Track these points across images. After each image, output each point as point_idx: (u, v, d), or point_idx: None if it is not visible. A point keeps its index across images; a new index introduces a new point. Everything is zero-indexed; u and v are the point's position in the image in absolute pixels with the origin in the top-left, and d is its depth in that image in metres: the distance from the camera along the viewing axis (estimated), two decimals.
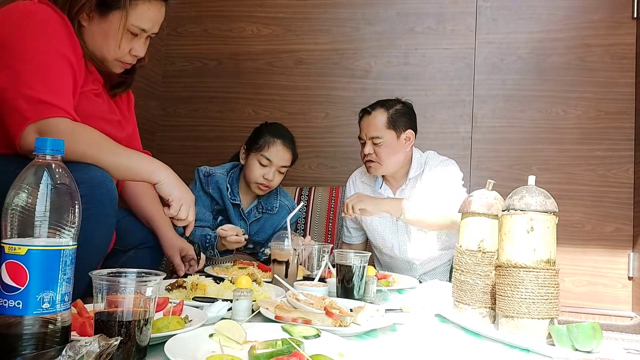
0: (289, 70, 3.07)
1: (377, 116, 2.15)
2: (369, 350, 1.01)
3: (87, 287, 1.17)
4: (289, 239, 1.65)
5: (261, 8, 3.11)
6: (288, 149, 2.21)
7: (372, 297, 1.50)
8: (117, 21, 1.35)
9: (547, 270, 1.12)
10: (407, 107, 2.22)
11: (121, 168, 1.27)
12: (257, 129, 2.26)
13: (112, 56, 1.39)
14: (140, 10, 1.37)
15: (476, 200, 1.32)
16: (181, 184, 1.37)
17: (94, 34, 1.35)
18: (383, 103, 2.18)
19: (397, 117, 2.15)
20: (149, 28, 1.41)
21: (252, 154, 2.19)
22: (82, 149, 1.19)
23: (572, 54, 2.80)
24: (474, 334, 1.18)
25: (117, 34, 1.36)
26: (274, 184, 2.21)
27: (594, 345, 1.03)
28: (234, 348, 0.90)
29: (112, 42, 1.37)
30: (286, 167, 2.23)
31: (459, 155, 2.80)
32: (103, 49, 1.37)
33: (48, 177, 0.79)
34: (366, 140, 2.16)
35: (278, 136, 2.20)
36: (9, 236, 0.78)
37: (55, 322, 0.78)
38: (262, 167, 2.17)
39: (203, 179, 2.21)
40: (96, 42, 1.36)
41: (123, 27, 1.36)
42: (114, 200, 1.23)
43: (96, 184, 1.17)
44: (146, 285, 0.82)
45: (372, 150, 2.15)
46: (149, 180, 1.32)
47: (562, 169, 2.77)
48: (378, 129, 2.13)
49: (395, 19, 2.98)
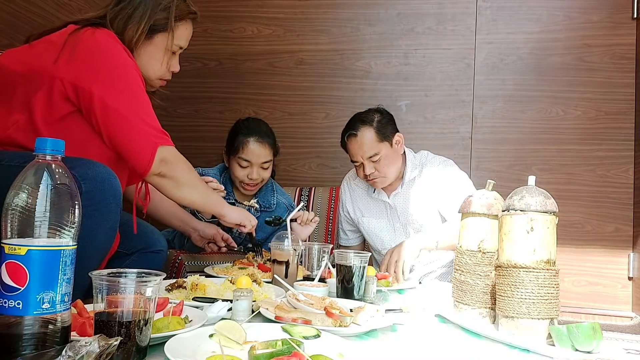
0: (289, 71, 3.07)
1: (364, 135, 2.10)
2: (369, 350, 1.01)
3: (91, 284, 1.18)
4: (289, 239, 1.65)
5: (262, 8, 3.11)
6: (264, 143, 2.15)
7: (372, 297, 1.50)
8: (163, 42, 1.48)
9: (547, 271, 1.12)
10: (385, 114, 2.18)
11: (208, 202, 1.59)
12: (232, 130, 2.23)
13: (157, 75, 1.51)
14: (181, 31, 1.51)
15: (476, 200, 1.32)
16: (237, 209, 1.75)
17: (140, 56, 1.45)
18: (362, 119, 2.13)
19: (383, 127, 2.12)
20: (184, 45, 1.55)
21: (231, 157, 2.18)
22: (192, 183, 1.48)
23: (572, 55, 2.80)
24: (474, 334, 1.18)
25: (163, 54, 1.49)
26: (259, 180, 2.19)
27: (594, 346, 1.03)
28: (234, 348, 0.90)
29: (157, 62, 1.49)
30: (268, 162, 2.18)
31: (459, 155, 2.81)
32: (149, 70, 1.48)
33: (48, 177, 0.79)
34: (363, 161, 2.12)
35: (251, 134, 2.14)
36: (9, 236, 0.78)
37: (55, 322, 0.78)
38: (243, 168, 2.15)
39: None
40: (142, 63, 1.45)
41: (169, 48, 1.48)
42: (118, 197, 1.25)
43: (100, 180, 1.18)
44: (146, 285, 0.82)
45: (373, 168, 2.11)
46: (219, 212, 1.65)
47: (562, 169, 2.77)
48: (372, 147, 2.09)
49: (396, 20, 2.98)
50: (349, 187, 2.39)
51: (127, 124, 1.30)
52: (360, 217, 2.34)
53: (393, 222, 2.27)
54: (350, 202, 2.37)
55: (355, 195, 2.37)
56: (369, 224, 2.30)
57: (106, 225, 1.23)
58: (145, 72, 1.46)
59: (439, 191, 2.14)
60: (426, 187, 2.18)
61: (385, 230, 2.27)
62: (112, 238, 1.32)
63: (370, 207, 2.32)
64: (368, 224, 2.30)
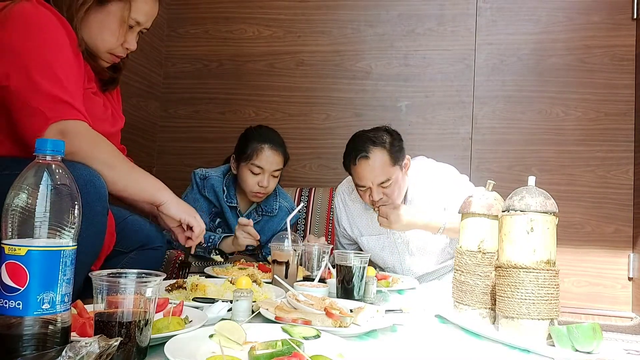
0: (289, 72, 3.07)
1: (377, 158, 1.90)
2: (369, 351, 1.01)
3: (80, 290, 1.17)
4: (289, 239, 1.65)
5: (262, 10, 3.11)
6: (277, 152, 2.15)
7: (372, 297, 1.50)
8: (117, 12, 1.35)
9: (547, 271, 1.12)
10: (395, 135, 1.99)
11: (131, 185, 1.31)
12: (243, 137, 2.20)
13: (107, 47, 1.38)
14: (139, 4, 1.38)
15: (476, 200, 1.32)
16: (182, 202, 1.42)
17: (89, 23, 1.34)
18: (373, 141, 1.93)
19: (396, 151, 1.94)
20: (144, 21, 1.41)
21: (243, 164, 2.13)
22: (103, 158, 1.23)
23: (572, 55, 2.80)
24: (474, 335, 1.18)
25: (117, 26, 1.36)
26: (269, 190, 2.17)
27: (594, 346, 1.03)
28: (234, 349, 0.90)
29: (108, 32, 1.36)
30: (279, 170, 2.17)
31: (459, 156, 2.81)
32: (97, 40, 1.36)
33: (48, 177, 0.79)
34: (372, 187, 1.93)
35: (265, 141, 2.13)
36: (9, 237, 0.78)
37: (55, 323, 0.78)
38: (255, 175, 2.12)
39: (199, 182, 2.19)
40: (91, 32, 1.34)
41: (124, 19, 1.36)
42: (104, 198, 1.20)
43: (82, 183, 1.11)
44: (146, 286, 0.82)
45: (382, 194, 1.93)
46: (154, 200, 1.35)
47: (562, 170, 2.77)
48: (385, 172, 1.91)
49: (396, 21, 2.98)
50: (343, 205, 2.22)
51: (18, 102, 1.18)
52: (359, 236, 2.19)
53: (394, 239, 2.13)
54: (347, 220, 2.22)
55: (352, 212, 2.21)
56: (368, 242, 2.16)
57: (92, 229, 1.17)
58: (93, 42, 1.35)
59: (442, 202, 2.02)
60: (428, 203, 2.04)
61: (387, 249, 2.15)
62: (100, 241, 1.26)
63: (368, 225, 2.17)
64: (367, 243, 2.16)
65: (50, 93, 1.18)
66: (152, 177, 1.37)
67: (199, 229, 1.42)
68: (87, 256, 1.21)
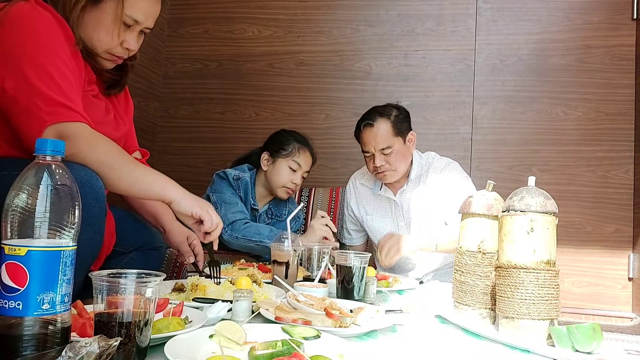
0: (289, 72, 3.07)
1: (381, 127, 2.12)
2: (369, 351, 1.01)
3: (80, 290, 1.16)
4: (288, 240, 1.65)
5: (262, 10, 3.12)
6: (313, 156, 2.33)
7: (372, 298, 1.50)
8: (111, 10, 1.32)
9: (547, 271, 1.12)
10: (402, 110, 2.21)
11: (136, 184, 1.28)
12: (281, 136, 2.32)
13: (103, 47, 1.35)
14: (133, 1, 1.34)
15: (476, 201, 1.32)
16: (194, 196, 1.37)
17: (85, 22, 1.32)
18: (380, 112, 2.16)
19: (400, 123, 2.15)
20: (142, 20, 1.37)
21: (281, 159, 2.25)
22: (102, 159, 1.20)
23: (572, 55, 2.80)
24: (474, 335, 1.18)
25: (110, 23, 1.32)
26: (298, 188, 2.30)
27: (594, 346, 1.03)
28: (234, 349, 0.90)
29: (103, 31, 1.33)
30: (307, 173, 2.32)
31: (459, 156, 2.81)
32: (93, 39, 1.33)
33: (48, 177, 0.79)
34: (375, 152, 2.13)
35: (305, 144, 2.30)
36: (9, 237, 0.77)
37: (55, 323, 0.78)
38: (292, 172, 2.25)
39: (234, 183, 2.23)
40: (87, 31, 1.32)
41: (117, 17, 1.32)
42: (102, 199, 1.19)
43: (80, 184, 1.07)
44: (146, 286, 0.82)
45: (384, 160, 2.13)
46: (163, 198, 1.31)
47: (562, 170, 2.77)
48: (386, 139, 2.11)
49: (396, 21, 2.98)
50: (354, 187, 2.41)
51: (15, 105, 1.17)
52: (365, 215, 2.35)
53: (397, 221, 2.28)
54: (355, 201, 2.39)
55: (360, 194, 2.38)
56: (372, 222, 2.32)
57: (90, 230, 1.15)
58: (90, 42, 1.33)
59: (444, 199, 2.13)
60: (432, 190, 2.19)
61: (390, 228, 2.27)
62: (99, 243, 1.25)
63: (374, 206, 2.33)
64: (372, 222, 2.32)
65: (47, 96, 1.17)
66: (158, 174, 1.33)
67: (210, 222, 1.37)
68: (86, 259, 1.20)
